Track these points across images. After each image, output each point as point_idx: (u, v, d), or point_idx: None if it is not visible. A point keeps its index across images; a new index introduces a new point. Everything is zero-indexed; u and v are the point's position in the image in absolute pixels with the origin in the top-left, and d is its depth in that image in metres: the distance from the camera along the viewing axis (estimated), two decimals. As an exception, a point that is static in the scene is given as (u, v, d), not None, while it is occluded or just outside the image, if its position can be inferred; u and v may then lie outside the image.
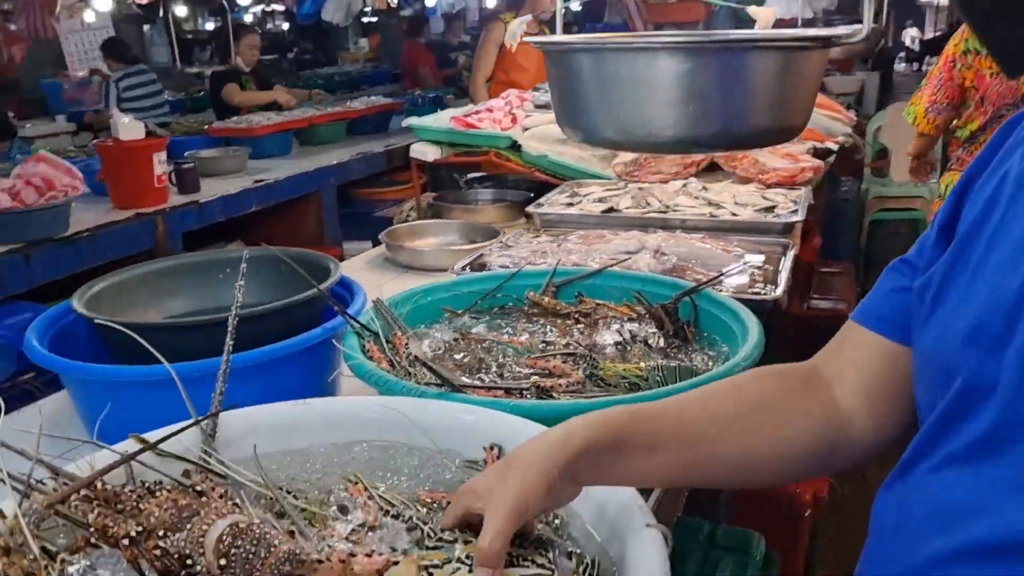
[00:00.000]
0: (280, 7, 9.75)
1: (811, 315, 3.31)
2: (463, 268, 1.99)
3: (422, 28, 8.65)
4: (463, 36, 9.77)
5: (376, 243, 2.85)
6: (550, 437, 0.85)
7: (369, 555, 0.86)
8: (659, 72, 1.09)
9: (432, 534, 0.88)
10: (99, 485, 0.95)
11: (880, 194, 6.16)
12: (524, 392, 1.29)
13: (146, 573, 0.85)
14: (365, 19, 11.87)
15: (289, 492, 1.04)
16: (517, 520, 0.77)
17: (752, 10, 3.74)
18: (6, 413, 1.66)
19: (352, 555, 0.85)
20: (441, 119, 3.05)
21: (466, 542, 0.85)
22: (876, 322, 0.92)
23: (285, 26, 13.58)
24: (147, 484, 0.94)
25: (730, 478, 0.94)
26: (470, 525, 0.86)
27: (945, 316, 0.79)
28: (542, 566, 0.81)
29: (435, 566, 0.83)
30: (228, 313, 1.23)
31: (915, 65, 10.48)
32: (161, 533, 0.87)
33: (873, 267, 5.93)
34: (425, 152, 2.89)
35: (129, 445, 1.07)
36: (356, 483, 1.02)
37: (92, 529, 0.89)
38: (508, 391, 1.30)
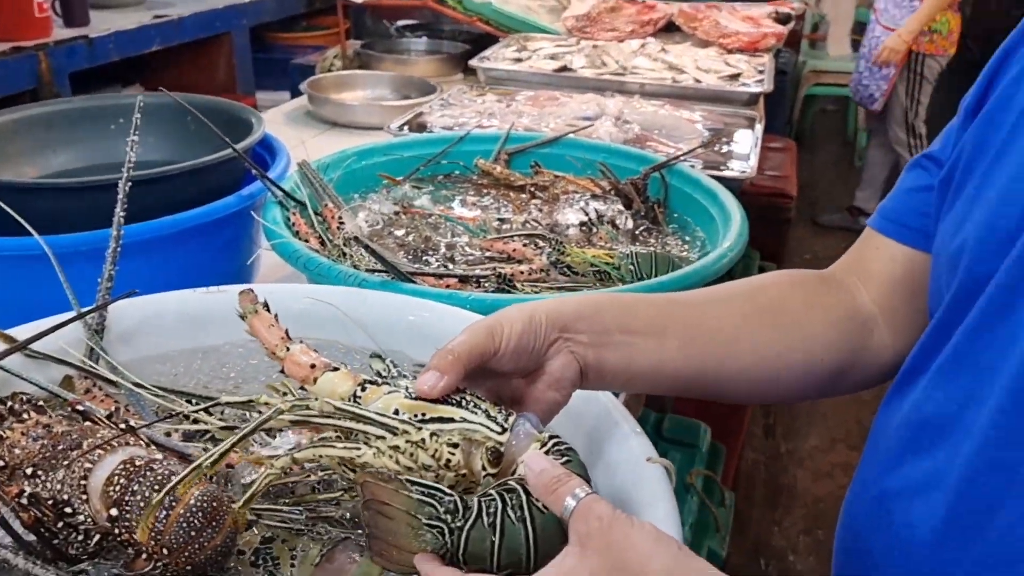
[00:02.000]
0: None
1: (755, 190, 3.18)
2: (400, 128, 1.74)
3: None
4: None
5: (295, 94, 2.54)
6: None
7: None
8: None
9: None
10: (-53, 399, 0.73)
11: (816, 67, 6.00)
12: (482, 282, 1.10)
13: (9, 523, 0.65)
14: None
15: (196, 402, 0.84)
16: (484, 337, 0.67)
17: None
18: None
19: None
20: (371, -45, 2.69)
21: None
22: (894, 228, 0.80)
23: None
24: (10, 403, 0.72)
25: (746, 387, 0.79)
26: None
27: (961, 207, 0.67)
28: (494, 419, 0.66)
29: (371, 381, 0.69)
30: (119, 174, 0.98)
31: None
32: (29, 471, 0.67)
33: (804, 146, 5.86)
34: (353, -8, 2.56)
35: (-10, 344, 0.85)
36: (285, 393, 0.81)
37: (-63, 460, 0.68)
38: (464, 280, 1.10)
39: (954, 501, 0.60)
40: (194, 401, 0.83)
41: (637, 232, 1.37)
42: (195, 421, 0.80)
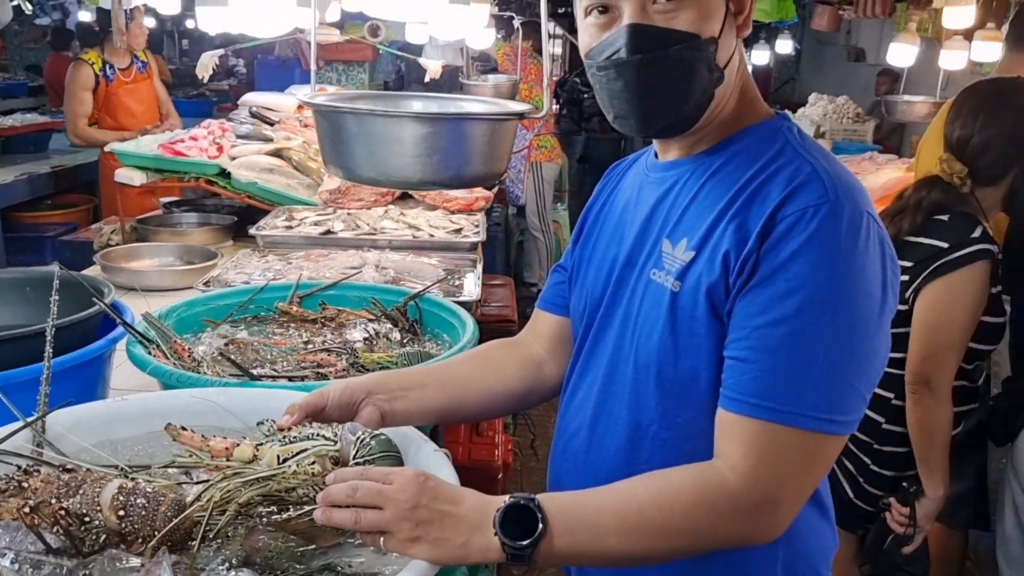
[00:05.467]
0: None
1: (486, 319, 3.85)
2: (206, 285, 2.18)
3: (68, 42, 8.06)
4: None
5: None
6: None
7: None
8: (409, 132, 1.47)
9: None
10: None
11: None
12: (305, 379, 1.59)
13: (45, 538, 1.03)
14: (-16, 24, 10.57)
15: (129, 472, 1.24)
16: (316, 396, 1.18)
17: (423, 62, 4.31)
18: None
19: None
20: (144, 145, 3.11)
21: None
22: (548, 305, 1.40)
23: None
24: (23, 468, 1.10)
25: (477, 409, 1.35)
26: None
27: (577, 290, 1.30)
28: (328, 439, 1.13)
29: (260, 444, 1.14)
30: (38, 326, 1.38)
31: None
32: (55, 501, 1.06)
33: (520, 281, 6.80)
34: (131, 177, 2.95)
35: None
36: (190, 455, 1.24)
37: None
38: (291, 378, 1.58)
39: (589, 426, 1.19)
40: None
41: (404, 342, 1.92)
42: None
